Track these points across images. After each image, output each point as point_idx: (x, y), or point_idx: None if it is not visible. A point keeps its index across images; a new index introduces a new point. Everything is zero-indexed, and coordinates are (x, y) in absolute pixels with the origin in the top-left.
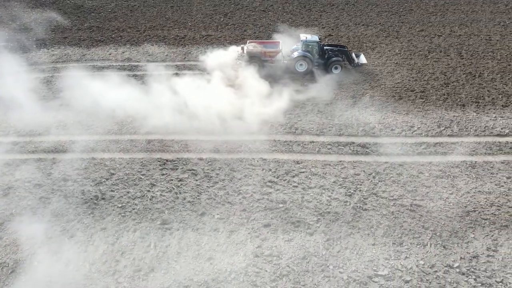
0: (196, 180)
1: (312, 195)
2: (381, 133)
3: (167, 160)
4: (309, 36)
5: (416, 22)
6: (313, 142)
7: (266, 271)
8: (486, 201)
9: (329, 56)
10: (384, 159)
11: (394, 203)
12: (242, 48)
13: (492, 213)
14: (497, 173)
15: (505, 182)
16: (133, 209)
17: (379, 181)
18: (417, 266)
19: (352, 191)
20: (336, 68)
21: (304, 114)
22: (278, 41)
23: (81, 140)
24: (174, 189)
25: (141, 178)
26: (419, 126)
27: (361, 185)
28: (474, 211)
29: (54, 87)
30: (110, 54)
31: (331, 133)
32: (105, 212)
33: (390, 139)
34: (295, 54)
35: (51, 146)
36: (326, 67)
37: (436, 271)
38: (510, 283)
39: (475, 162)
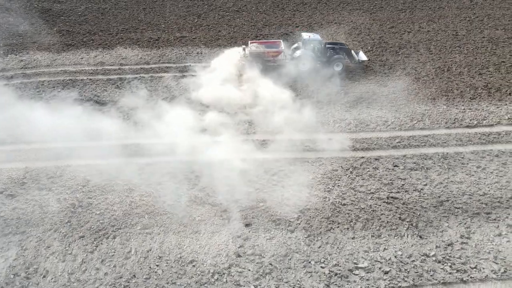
0: (175, 184)
1: (292, 192)
2: (357, 129)
3: (144, 164)
4: (311, 35)
5: (387, 19)
6: (291, 140)
7: (249, 270)
8: (458, 191)
9: (330, 54)
10: (361, 154)
11: (371, 197)
12: (244, 49)
13: (464, 202)
14: (467, 163)
15: (475, 172)
16: (112, 215)
17: (356, 176)
18: (395, 256)
19: (330, 187)
20: (337, 65)
21: (282, 112)
22: (280, 41)
23: (55, 147)
24: (153, 192)
25: (119, 183)
26: (392, 120)
27: (339, 180)
28: (447, 200)
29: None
30: (82, 58)
31: (308, 130)
32: (83, 220)
33: (365, 134)
34: (298, 53)
35: (23, 155)
36: (328, 65)
37: (413, 261)
38: (483, 268)
39: (447, 153)
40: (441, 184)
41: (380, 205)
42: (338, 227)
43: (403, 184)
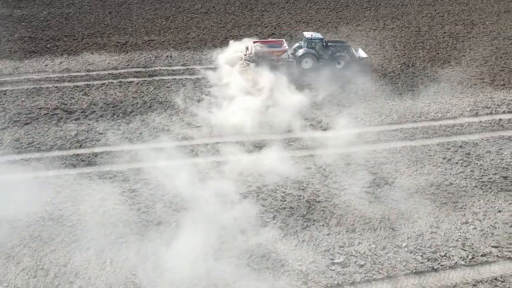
0: (150, 190)
1: (267, 192)
2: (328, 126)
3: (117, 172)
4: (313, 34)
5: (353, 17)
6: (264, 140)
7: (228, 272)
8: (426, 182)
9: (332, 52)
10: (333, 151)
11: (344, 193)
12: (247, 49)
13: (432, 193)
14: (434, 155)
15: (441, 163)
16: (85, 226)
17: (329, 172)
18: (369, 250)
19: (304, 185)
20: (339, 63)
21: (253, 113)
22: (282, 40)
23: (22, 158)
24: (127, 200)
25: (90, 193)
26: (362, 116)
27: (312, 178)
28: (417, 192)
29: None
30: (46, 65)
31: (280, 130)
32: (54, 233)
33: (337, 132)
34: (301, 51)
35: None
36: (330, 62)
37: (387, 253)
38: (452, 256)
39: (414, 146)
40: (410, 176)
41: (353, 200)
42: (314, 224)
43: (374, 179)
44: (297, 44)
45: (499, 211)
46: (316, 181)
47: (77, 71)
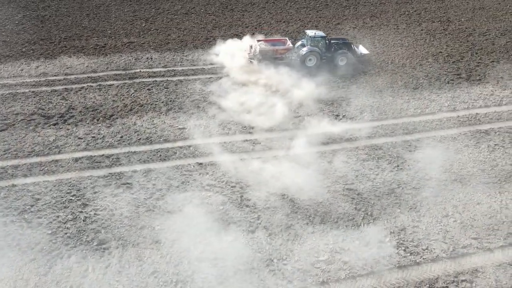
0: (132, 194)
1: (251, 192)
2: (310, 124)
3: (98, 177)
4: (316, 32)
5: (332, 16)
6: (246, 140)
7: (213, 275)
8: (407, 177)
9: (335, 50)
10: (316, 148)
11: (328, 190)
12: (251, 47)
13: (413, 187)
14: (414, 150)
15: (421, 158)
16: (65, 233)
17: (313, 170)
18: (353, 246)
19: (288, 184)
20: (342, 60)
21: (236, 114)
22: (286, 38)
23: None
24: (109, 206)
25: (71, 199)
26: (344, 114)
27: (296, 177)
28: (398, 187)
29: None
30: (22, 70)
31: (263, 130)
32: (33, 242)
33: (319, 129)
34: (304, 50)
35: None
36: (333, 60)
37: (370, 248)
38: (434, 249)
39: (395, 142)
40: (391, 172)
41: (336, 198)
42: (298, 223)
43: (357, 176)
44: (299, 43)
45: (478, 204)
46: (300, 180)
47: (55, 75)
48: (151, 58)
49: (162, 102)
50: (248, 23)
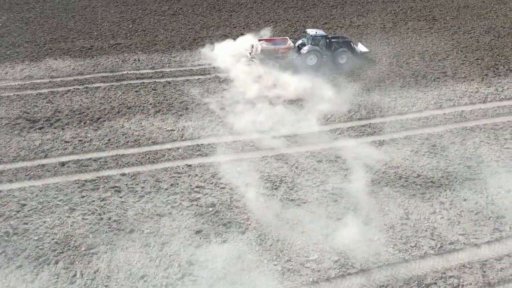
0: (121, 197)
1: (240, 193)
2: (300, 124)
3: (86, 181)
4: (317, 31)
5: (320, 16)
6: (235, 141)
7: (203, 277)
8: (395, 175)
9: (335, 48)
10: (304, 148)
11: (317, 190)
12: (252, 47)
13: (401, 185)
14: (402, 148)
15: (409, 156)
16: (52, 239)
17: (301, 170)
18: (343, 245)
19: (277, 184)
20: (342, 58)
21: (224, 115)
22: (286, 38)
23: None
24: (97, 210)
25: (58, 204)
26: (332, 113)
27: (285, 177)
28: (387, 185)
29: None
30: (6, 73)
31: (252, 130)
32: (19, 248)
33: (308, 129)
34: (305, 49)
35: None
36: (333, 58)
37: (359, 247)
38: (422, 246)
39: (383, 140)
40: (379, 170)
41: (325, 197)
42: (288, 223)
43: (346, 174)
44: (300, 41)
45: (465, 200)
46: (289, 180)
47: (40, 78)
48: (139, 60)
49: (150, 104)
50: (236, 23)
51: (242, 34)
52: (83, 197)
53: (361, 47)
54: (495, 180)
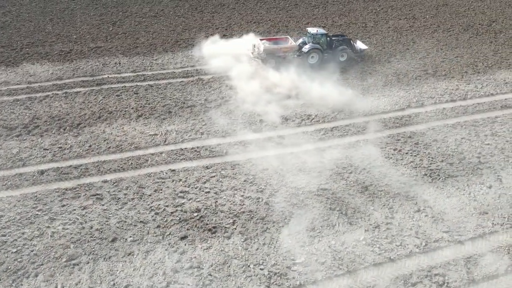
0: (103, 205)
1: (225, 197)
2: (283, 125)
3: (66, 189)
4: (318, 29)
5: (302, 16)
6: (220, 144)
7: (189, 284)
8: (380, 174)
9: (335, 46)
10: (289, 150)
11: (302, 191)
12: (254, 46)
13: (385, 184)
14: (385, 147)
15: (393, 154)
16: (32, 251)
17: (286, 172)
18: (329, 247)
19: (263, 187)
20: (342, 56)
21: (208, 118)
22: (287, 37)
23: None
24: (78, 219)
25: (37, 214)
26: (316, 114)
27: (270, 179)
28: (371, 185)
29: None
30: None
31: (236, 132)
32: None
33: (292, 130)
34: (307, 47)
35: None
36: (334, 56)
37: (346, 248)
38: (407, 244)
39: (367, 139)
40: (364, 169)
41: (311, 198)
42: (274, 226)
43: (330, 175)
44: (301, 40)
45: (448, 197)
46: (274, 182)
47: (17, 84)
48: (120, 63)
49: (132, 108)
50: (218, 24)
51: (225, 36)
52: (63, 206)
53: (360, 45)
54: (476, 176)
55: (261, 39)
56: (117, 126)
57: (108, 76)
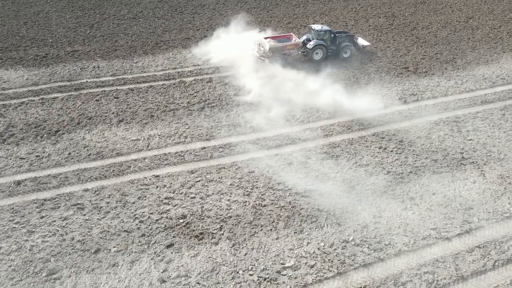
0: (84, 215)
1: (211, 202)
2: (268, 126)
3: (45, 200)
4: (322, 26)
5: (283, 15)
6: (204, 148)
7: None
8: (366, 173)
9: (339, 42)
10: (274, 151)
11: (289, 193)
12: (259, 45)
13: (372, 183)
14: (370, 145)
15: (378, 152)
16: (9, 266)
17: (273, 174)
18: (318, 249)
19: (249, 190)
20: (345, 52)
21: (191, 121)
22: (291, 34)
23: None
24: (58, 231)
25: (14, 227)
26: (300, 114)
27: (256, 182)
28: (358, 184)
29: None
30: None
31: (220, 135)
32: None
33: (276, 131)
34: (312, 44)
35: None
36: (337, 52)
37: (335, 249)
38: (396, 243)
39: (352, 138)
40: (350, 169)
41: (298, 200)
42: (262, 230)
43: (317, 175)
44: (304, 37)
45: (434, 194)
46: (261, 185)
47: None
48: (98, 67)
49: (113, 113)
50: (199, 25)
51: (205, 36)
52: (42, 217)
53: (362, 41)
54: (460, 172)
55: (265, 38)
56: (98, 132)
57: (86, 81)
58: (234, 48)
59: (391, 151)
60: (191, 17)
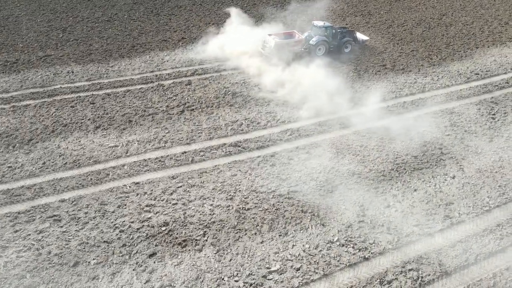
0: (61, 227)
1: (194, 208)
2: (249, 128)
3: (18, 213)
4: (324, 22)
5: (260, 16)
6: (185, 152)
7: None
8: (348, 172)
9: (340, 38)
10: (257, 153)
11: (273, 195)
12: (264, 42)
13: (354, 182)
14: (352, 144)
15: (359, 151)
16: None
17: (255, 177)
18: (303, 251)
19: (232, 194)
20: (347, 47)
21: (171, 125)
22: (294, 31)
23: None
24: (34, 245)
25: None
26: (281, 114)
27: (239, 185)
28: (341, 184)
29: None
30: None
31: (201, 139)
32: None
33: (258, 133)
34: (314, 40)
35: None
36: (339, 48)
37: (320, 251)
38: (380, 242)
39: (333, 138)
40: (333, 168)
41: (282, 202)
42: (246, 234)
43: (300, 176)
44: (306, 34)
45: (415, 190)
46: (244, 188)
47: None
48: (73, 72)
49: (89, 119)
50: (176, 27)
51: (183, 38)
52: (16, 231)
53: (361, 36)
54: (440, 168)
55: (269, 35)
56: (73, 139)
57: (60, 87)
58: (240, 44)
59: (372, 149)
60: (167, 19)
